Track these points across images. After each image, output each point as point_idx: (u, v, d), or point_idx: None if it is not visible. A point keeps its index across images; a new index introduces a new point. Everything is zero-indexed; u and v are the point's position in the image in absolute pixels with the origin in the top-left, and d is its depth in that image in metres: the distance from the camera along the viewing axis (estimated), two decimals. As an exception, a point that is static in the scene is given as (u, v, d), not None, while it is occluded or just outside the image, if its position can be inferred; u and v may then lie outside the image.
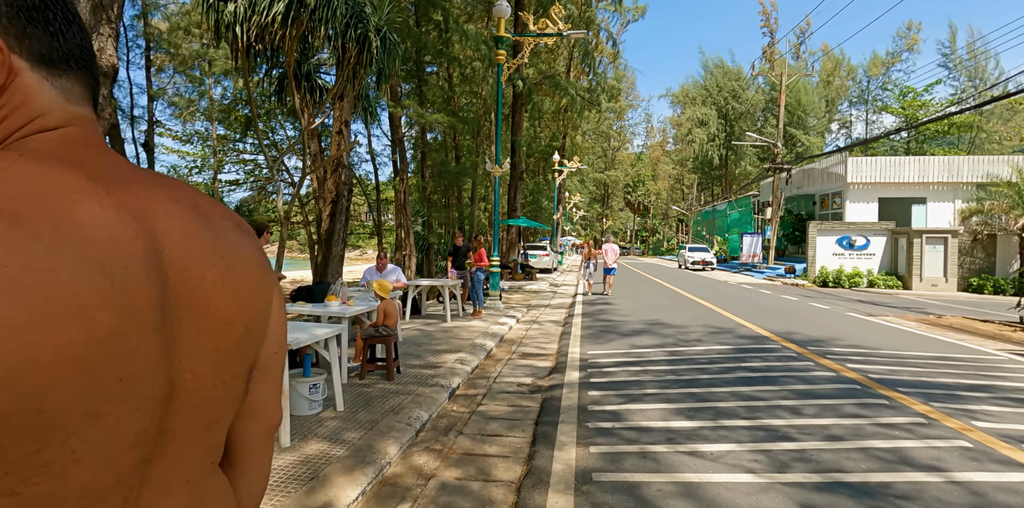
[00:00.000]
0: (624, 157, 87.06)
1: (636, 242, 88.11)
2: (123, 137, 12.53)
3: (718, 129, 56.13)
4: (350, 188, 12.97)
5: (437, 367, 6.00)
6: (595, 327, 9.17)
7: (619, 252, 15.69)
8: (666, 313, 10.65)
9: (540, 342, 8.08)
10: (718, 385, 5.26)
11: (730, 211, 35.02)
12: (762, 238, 25.98)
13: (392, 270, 8.08)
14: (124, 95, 13.15)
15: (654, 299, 13.50)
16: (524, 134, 29.78)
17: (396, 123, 18.69)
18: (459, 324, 9.17)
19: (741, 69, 55.84)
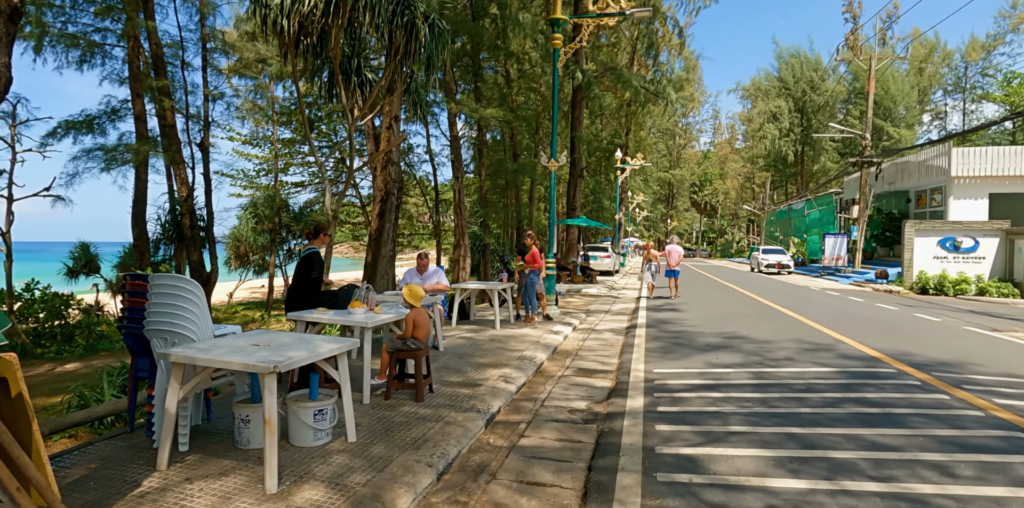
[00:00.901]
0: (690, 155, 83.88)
1: (702, 244, 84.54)
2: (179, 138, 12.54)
3: (793, 123, 52.64)
4: (400, 186, 12.45)
5: (477, 385, 5.17)
6: (662, 338, 8.09)
7: (683, 254, 14.60)
8: (744, 323, 9.38)
9: (599, 355, 7.11)
10: (825, 424, 4.13)
11: (809, 210, 32.42)
12: (847, 239, 23.63)
13: (433, 272, 7.35)
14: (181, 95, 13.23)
15: (728, 306, 12.16)
16: (585, 130, 28.71)
17: (452, 120, 18.17)
18: (509, 332, 8.34)
19: (820, 58, 52.18)
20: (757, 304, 12.44)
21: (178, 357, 3.15)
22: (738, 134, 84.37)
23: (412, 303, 4.75)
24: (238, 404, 3.53)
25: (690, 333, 8.43)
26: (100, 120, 14.14)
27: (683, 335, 8.24)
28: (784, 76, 53.11)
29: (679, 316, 10.50)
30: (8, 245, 16.09)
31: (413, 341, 4.71)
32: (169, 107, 12.31)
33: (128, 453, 3.50)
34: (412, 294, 4.75)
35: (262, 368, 2.95)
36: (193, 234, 12.68)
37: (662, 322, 9.71)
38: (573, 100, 20.35)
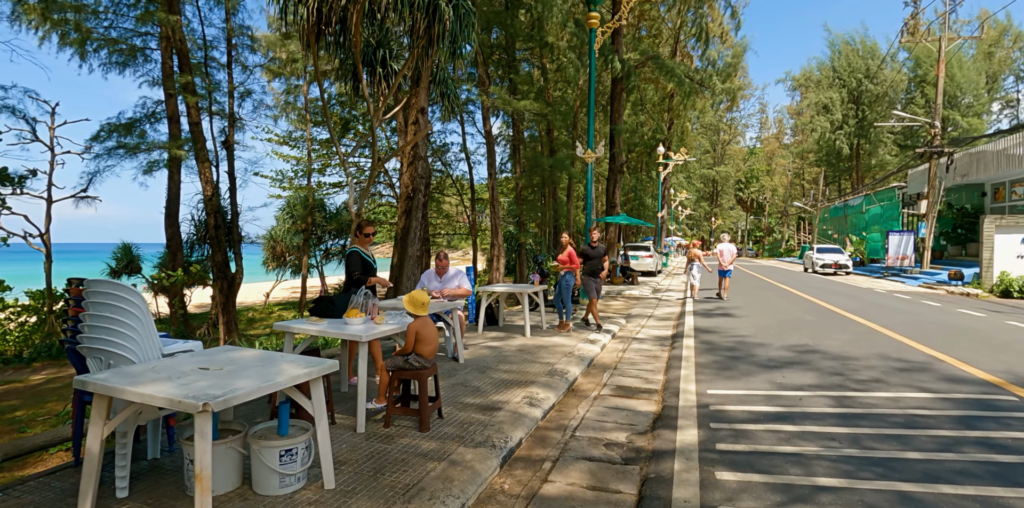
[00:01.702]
0: (735, 151, 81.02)
1: (748, 243, 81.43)
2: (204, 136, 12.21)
3: (847, 115, 49.73)
4: (427, 183, 11.77)
5: (495, 409, 4.36)
6: (714, 350, 7.09)
7: (736, 253, 13.62)
8: (810, 332, 8.25)
9: (641, 369, 6.19)
10: (946, 478, 3.13)
11: (867, 206, 30.27)
12: (914, 237, 21.73)
13: (454, 275, 6.59)
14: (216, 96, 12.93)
15: (788, 311, 10.97)
16: (625, 124, 27.54)
17: (486, 115, 17.46)
18: (540, 340, 7.50)
19: (876, 45, 49.09)
20: (819, 309, 11.19)
21: (96, 387, 2.45)
22: (786, 128, 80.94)
23: (414, 312, 3.98)
24: (185, 441, 2.82)
25: (747, 344, 7.39)
26: (140, 123, 14.08)
27: (739, 346, 7.22)
28: (837, 65, 50.25)
29: (732, 323, 9.42)
30: (48, 246, 16.27)
31: (416, 358, 3.94)
32: (194, 104, 12.00)
33: (57, 499, 2.84)
34: (413, 301, 3.97)
35: (189, 406, 2.22)
36: (218, 234, 12.35)
37: (713, 330, 8.67)
38: (612, 92, 19.31)
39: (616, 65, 16.66)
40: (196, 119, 12.06)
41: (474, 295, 9.50)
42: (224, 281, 12.44)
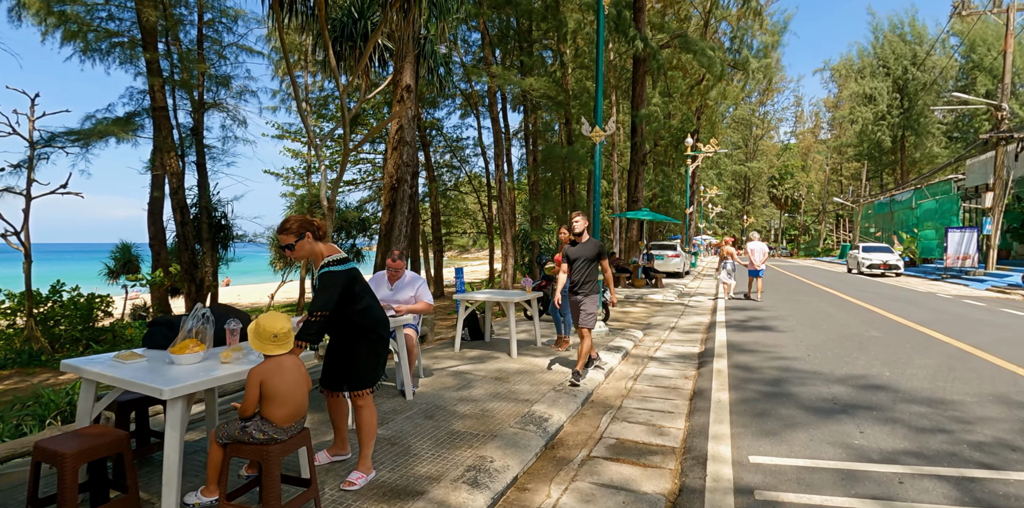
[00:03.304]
0: (768, 146, 77.77)
1: (783, 242, 78.01)
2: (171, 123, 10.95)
3: (891, 105, 46.51)
4: (414, 171, 10.27)
5: (413, 498, 2.79)
6: (752, 381, 5.38)
7: (767, 252, 12.63)
8: (880, 355, 6.44)
9: (654, 409, 4.54)
10: None
11: (919, 201, 27.65)
12: (977, 234, 19.32)
13: (411, 282, 5.02)
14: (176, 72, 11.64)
15: (843, 323, 9.11)
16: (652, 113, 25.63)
17: (492, 99, 15.92)
18: (527, 362, 5.90)
19: (925, 29, 45.79)
20: (882, 320, 9.27)
21: None
22: (823, 122, 77.27)
23: (262, 349, 2.43)
24: None
25: (797, 373, 5.64)
26: (140, 117, 12.96)
27: (787, 377, 5.47)
28: (881, 52, 47.05)
29: (773, 339, 7.64)
30: (27, 246, 15.34)
31: (262, 425, 2.38)
32: (159, 87, 10.75)
33: None
34: (259, 332, 2.41)
35: None
36: (184, 231, 11.10)
37: (750, 348, 6.92)
38: (634, 75, 17.52)
39: (638, 44, 14.90)
40: (161, 103, 10.80)
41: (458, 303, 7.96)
42: (192, 284, 11.16)
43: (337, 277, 2.76)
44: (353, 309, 2.88)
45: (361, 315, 2.90)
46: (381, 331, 2.98)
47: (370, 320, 2.94)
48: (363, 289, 2.94)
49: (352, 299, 2.86)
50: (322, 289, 2.72)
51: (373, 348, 2.97)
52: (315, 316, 2.67)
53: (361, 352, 2.94)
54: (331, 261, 2.80)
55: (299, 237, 2.78)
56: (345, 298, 2.82)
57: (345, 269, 2.81)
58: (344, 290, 2.78)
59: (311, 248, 2.82)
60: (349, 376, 2.97)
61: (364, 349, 2.94)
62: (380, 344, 3.00)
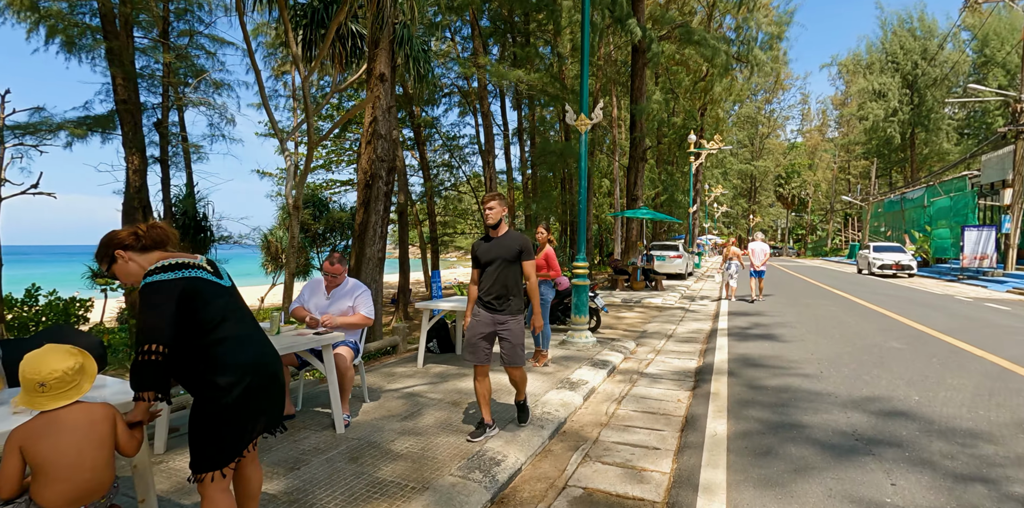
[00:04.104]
0: (774, 145, 76.63)
1: (789, 241, 76.85)
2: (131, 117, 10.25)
3: (901, 101, 45.41)
4: (391, 167, 9.51)
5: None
6: (757, 405, 4.58)
7: (769, 252, 12.34)
8: (904, 372, 5.61)
9: (635, 446, 3.75)
10: None
11: (932, 198, 26.67)
12: (995, 233, 18.38)
13: (350, 291, 4.26)
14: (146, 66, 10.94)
15: (858, 331, 8.27)
16: (654, 110, 24.82)
17: (482, 94, 15.16)
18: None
19: (935, 23, 44.70)
20: (902, 328, 8.42)
21: None
22: (830, 120, 76.07)
23: (34, 404, 1.66)
24: None
25: (809, 395, 4.83)
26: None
27: (796, 401, 4.66)
28: (891, 48, 45.96)
29: (781, 350, 6.83)
30: (-4, 246, 14.71)
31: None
32: (121, 78, 10.05)
33: None
34: (22, 379, 1.64)
35: None
36: (148, 232, 10.39)
37: (755, 363, 6.11)
38: (633, 66, 16.72)
39: (635, 30, 14.10)
40: (123, 96, 10.10)
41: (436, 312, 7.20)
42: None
43: (160, 291, 1.81)
44: (202, 342, 1.88)
45: (209, 353, 1.88)
46: (237, 378, 1.88)
47: (219, 362, 1.88)
48: (221, 309, 1.94)
49: (197, 325, 1.87)
50: (143, 311, 1.81)
51: (217, 408, 1.86)
52: (144, 354, 1.78)
53: (197, 414, 1.89)
54: (155, 268, 1.86)
55: (111, 261, 1.96)
56: (186, 323, 1.85)
57: (175, 278, 1.85)
58: (179, 310, 1.83)
59: (136, 265, 1.97)
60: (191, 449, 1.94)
61: (202, 409, 1.88)
62: (232, 403, 1.87)
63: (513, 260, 3.61)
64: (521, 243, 3.63)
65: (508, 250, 3.59)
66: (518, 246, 3.61)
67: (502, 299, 3.61)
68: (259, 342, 2.05)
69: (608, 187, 29.14)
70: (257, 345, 2.03)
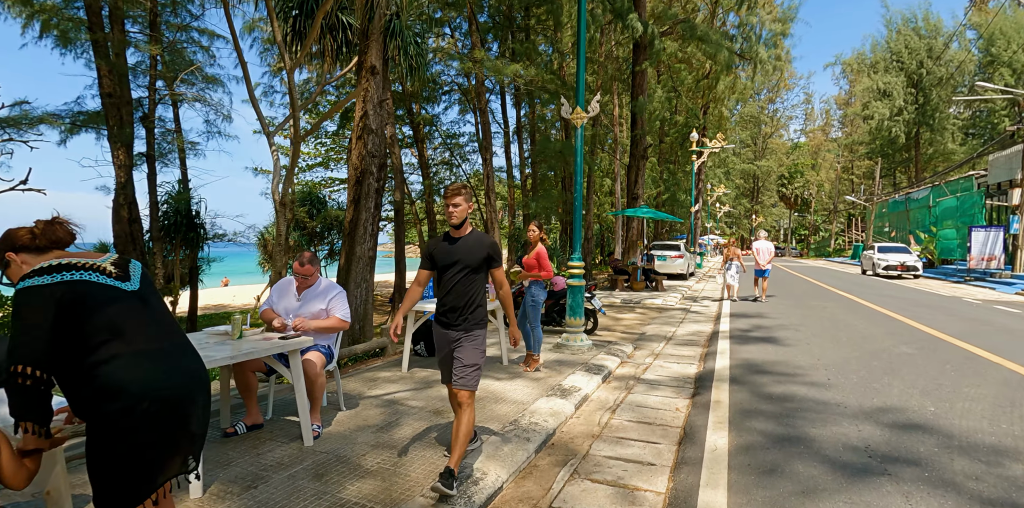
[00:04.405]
0: (777, 144, 76.24)
1: (792, 241, 76.47)
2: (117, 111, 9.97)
3: (907, 100, 44.98)
4: (382, 163, 9.21)
5: None
6: (761, 415, 4.28)
7: (773, 252, 12.15)
8: (917, 380, 5.31)
9: (628, 461, 3.45)
10: None
11: (938, 198, 26.30)
12: (1003, 233, 18.03)
13: (323, 292, 3.96)
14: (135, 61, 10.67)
15: (865, 335, 7.96)
16: (656, 108, 24.49)
17: (480, 89, 14.87)
18: (480, 389, 4.82)
19: (940, 22, 44.26)
20: (911, 331, 8.11)
21: None
22: (833, 120, 75.62)
23: None
24: None
25: (815, 405, 4.53)
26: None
27: (802, 411, 4.36)
28: (895, 47, 45.51)
29: (785, 355, 6.52)
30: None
31: None
32: (107, 71, 9.78)
33: None
34: None
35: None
36: (133, 229, 10.12)
37: (757, 368, 5.81)
38: (634, 62, 16.40)
39: (636, 25, 13.77)
40: (109, 89, 9.83)
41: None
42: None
43: (32, 299, 1.50)
44: (87, 360, 1.52)
45: (93, 373, 1.52)
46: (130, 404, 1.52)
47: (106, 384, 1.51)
48: (112, 319, 1.57)
49: (80, 339, 1.52)
50: (12, 324, 1.50)
51: (108, 442, 1.52)
52: (15, 377, 1.46)
53: (89, 448, 1.54)
54: (33, 271, 1.55)
55: (4, 265, 1.65)
56: (67, 338, 1.51)
57: (52, 283, 1.52)
58: (58, 322, 1.50)
59: (29, 268, 1.64)
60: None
61: (93, 443, 1.54)
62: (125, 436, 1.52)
63: (478, 267, 3.01)
64: (489, 247, 3.03)
65: (472, 255, 3.00)
66: (485, 251, 3.01)
67: (457, 313, 3.01)
68: (168, 358, 1.67)
69: (610, 186, 28.84)
70: (165, 362, 1.65)
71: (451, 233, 3.08)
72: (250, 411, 3.74)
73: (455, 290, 3.00)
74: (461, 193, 2.99)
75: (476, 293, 3.04)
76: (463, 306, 3.01)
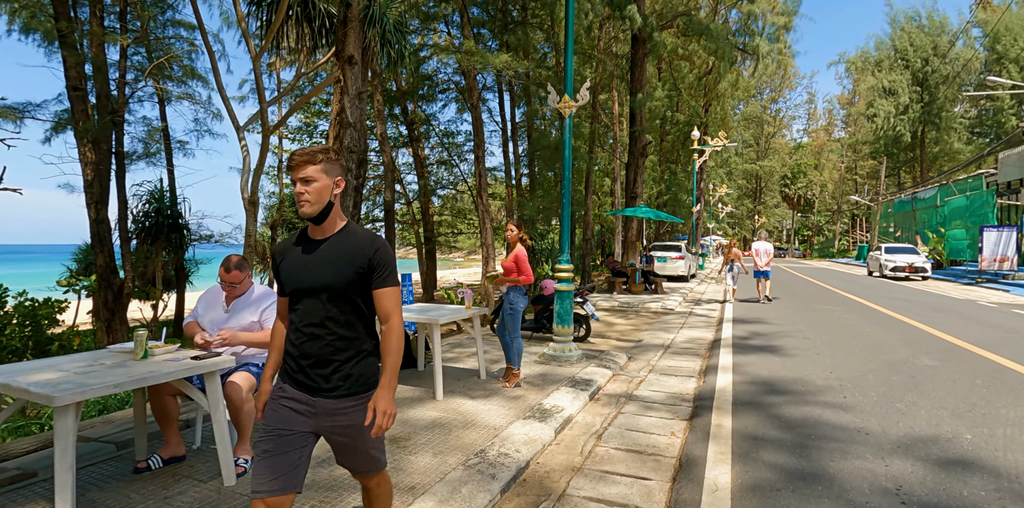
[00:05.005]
0: (780, 144, 75.65)
1: (795, 242, 75.79)
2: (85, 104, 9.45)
3: (912, 99, 44.32)
4: (361, 159, 8.65)
5: None
6: (770, 449, 3.71)
7: (773, 253, 11.99)
8: (945, 399, 4.72)
9: (615, 500, 2.88)
10: None
11: (945, 198, 25.66)
12: (1016, 233, 17.40)
13: (256, 301, 3.38)
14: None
15: (880, 344, 7.36)
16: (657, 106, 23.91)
17: (472, 84, 14.30)
18: (450, 411, 4.25)
19: (946, 20, 43.61)
20: (928, 339, 7.51)
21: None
22: (837, 119, 74.95)
23: None
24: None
25: (832, 431, 3.94)
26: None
27: (817, 439, 3.78)
28: (900, 45, 44.87)
29: (793, 368, 5.94)
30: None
31: None
32: (73, 63, 9.24)
33: None
34: None
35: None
36: (101, 230, 9.59)
37: (765, 385, 5.22)
38: (633, 57, 15.84)
39: (635, 17, 13.22)
40: (76, 82, 9.30)
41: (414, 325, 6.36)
42: (109, 291, 9.65)
43: None
44: None
45: None
46: None
47: None
48: None
49: None
50: None
51: None
52: None
53: None
54: None
55: None
56: None
57: None
58: None
59: None
60: None
61: None
62: None
63: (347, 287, 1.82)
64: (371, 253, 1.83)
65: (341, 266, 1.81)
66: (364, 258, 1.82)
67: (328, 365, 1.83)
68: None
69: (610, 186, 28.26)
70: None
71: (309, 231, 1.90)
72: (168, 441, 3.18)
73: (319, 328, 1.82)
74: (317, 160, 1.81)
75: (358, 330, 1.87)
76: (337, 353, 1.83)
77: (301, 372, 1.85)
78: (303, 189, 1.79)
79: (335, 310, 1.83)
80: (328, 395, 1.83)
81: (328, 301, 1.82)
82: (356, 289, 1.84)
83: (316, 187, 1.81)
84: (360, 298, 1.86)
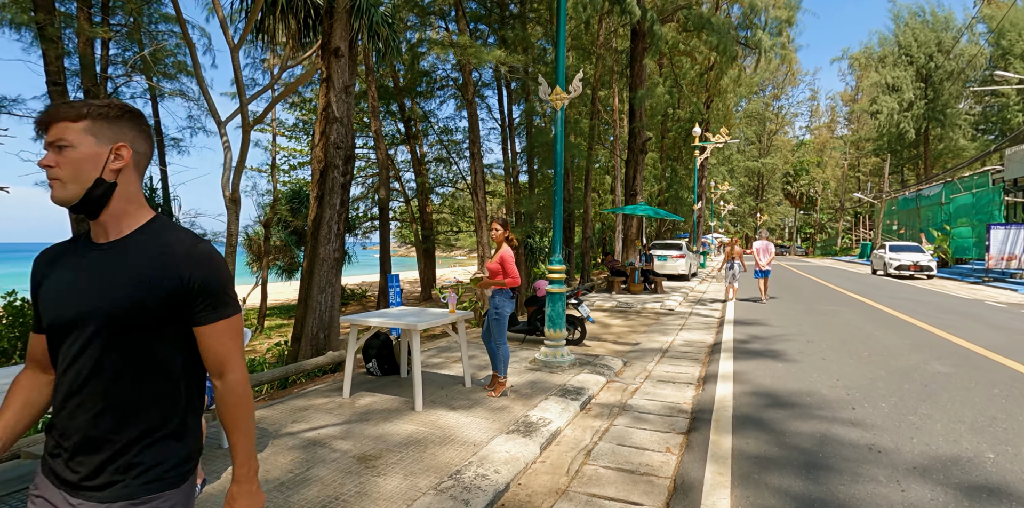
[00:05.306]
0: (782, 142, 75.18)
1: (797, 240, 75.37)
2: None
3: (916, 95, 43.86)
4: (348, 155, 8.34)
5: None
6: (775, 471, 3.41)
7: (774, 252, 11.40)
8: (962, 411, 4.39)
9: (597, 540, 2.58)
10: None
11: (951, 195, 25.27)
12: None
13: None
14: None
15: (889, 349, 7.04)
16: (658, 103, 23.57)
17: (467, 79, 13.98)
18: (428, 424, 3.94)
19: (951, 15, 43.13)
20: (940, 343, 7.18)
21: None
22: (839, 116, 74.41)
23: None
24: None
25: (843, 449, 3.64)
26: None
27: (826, 457, 3.48)
28: (904, 41, 44.40)
29: (798, 375, 5.63)
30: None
31: None
32: (54, 57, 8.95)
33: None
34: None
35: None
36: (81, 229, 9.31)
37: (766, 397, 4.91)
38: (632, 52, 15.51)
39: (634, 10, 12.87)
40: (56, 77, 9.01)
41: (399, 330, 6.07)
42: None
43: None
44: None
45: None
46: None
47: None
48: None
49: None
50: None
51: None
52: None
53: None
54: None
55: None
56: None
57: None
58: None
59: None
60: None
61: None
62: None
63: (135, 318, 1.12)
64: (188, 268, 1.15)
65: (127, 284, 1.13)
66: (175, 275, 1.14)
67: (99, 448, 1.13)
68: None
69: (610, 184, 27.96)
70: None
71: (91, 233, 1.21)
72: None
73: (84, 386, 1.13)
74: (76, 116, 1.12)
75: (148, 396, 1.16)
76: (111, 434, 1.13)
77: (60, 457, 1.15)
78: (52, 160, 1.11)
79: (114, 357, 1.12)
80: (94, 496, 1.12)
81: (100, 343, 1.11)
82: (155, 323, 1.14)
83: (73, 157, 1.11)
84: (162, 339, 1.16)
